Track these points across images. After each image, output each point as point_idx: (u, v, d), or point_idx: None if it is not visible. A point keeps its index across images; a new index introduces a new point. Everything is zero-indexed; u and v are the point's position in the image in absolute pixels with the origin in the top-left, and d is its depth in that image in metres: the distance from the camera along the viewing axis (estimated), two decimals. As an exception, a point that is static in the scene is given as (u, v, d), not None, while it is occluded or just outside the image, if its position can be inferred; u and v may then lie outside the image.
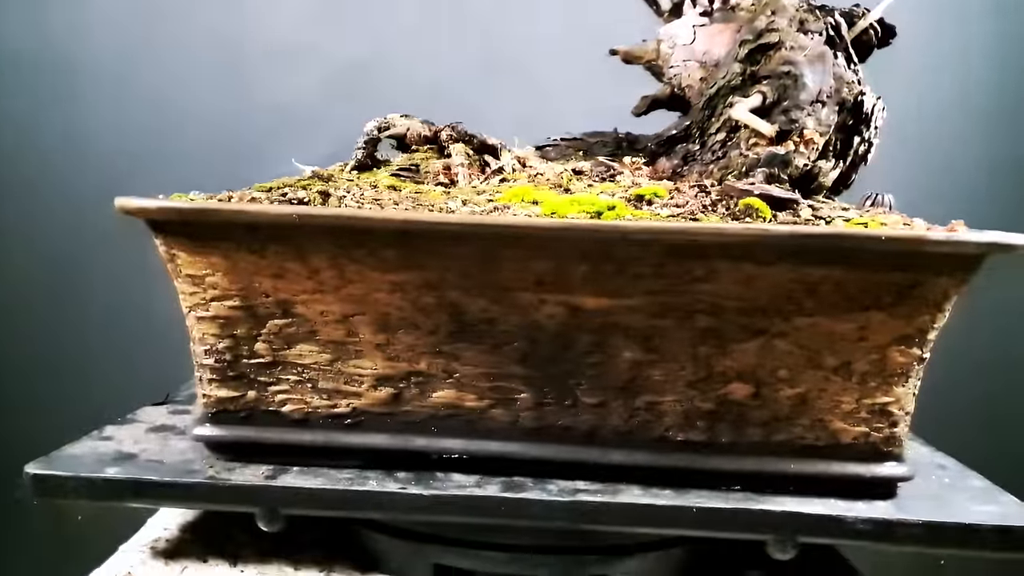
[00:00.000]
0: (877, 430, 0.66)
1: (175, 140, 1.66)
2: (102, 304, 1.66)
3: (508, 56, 1.69)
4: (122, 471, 0.66)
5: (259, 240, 0.64)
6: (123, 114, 1.66)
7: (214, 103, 1.67)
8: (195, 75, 1.66)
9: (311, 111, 1.67)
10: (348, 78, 1.68)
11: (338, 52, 1.67)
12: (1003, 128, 1.68)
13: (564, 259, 0.63)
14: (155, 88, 1.66)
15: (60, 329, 1.68)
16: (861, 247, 0.60)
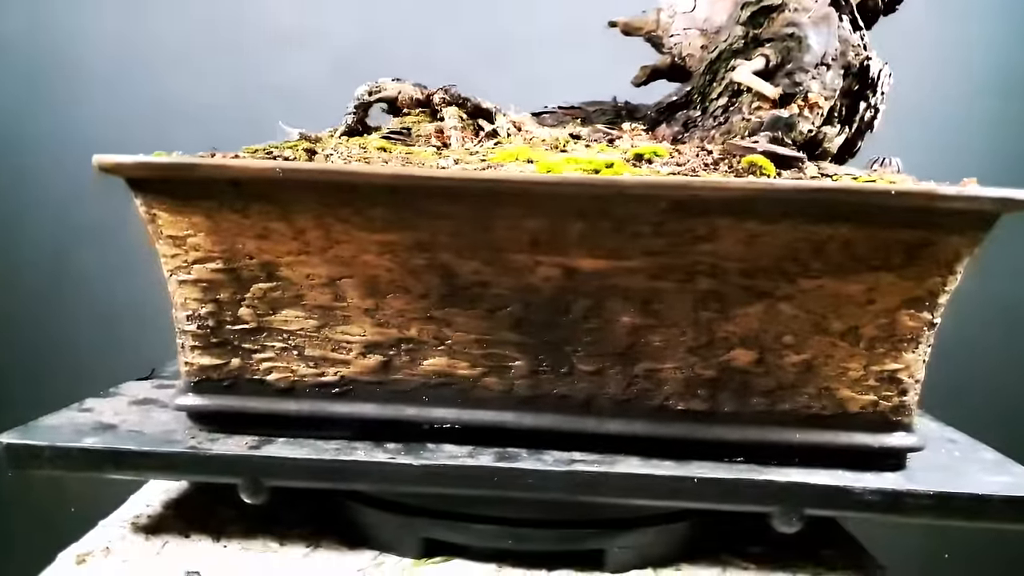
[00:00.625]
0: (886, 398, 0.63)
1: (175, 128, 1.64)
2: (95, 292, 1.64)
3: (512, 37, 1.66)
4: (100, 441, 0.64)
5: (242, 198, 0.61)
6: (122, 103, 1.64)
7: (215, 89, 1.64)
8: (195, 62, 1.64)
9: (314, 96, 1.64)
10: (351, 62, 1.65)
11: (340, 36, 1.65)
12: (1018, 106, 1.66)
13: (559, 217, 0.60)
14: (155, 75, 1.63)
15: (51, 320, 1.65)
16: (870, 202, 0.57)
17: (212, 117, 1.65)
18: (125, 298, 1.59)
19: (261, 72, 1.66)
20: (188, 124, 1.64)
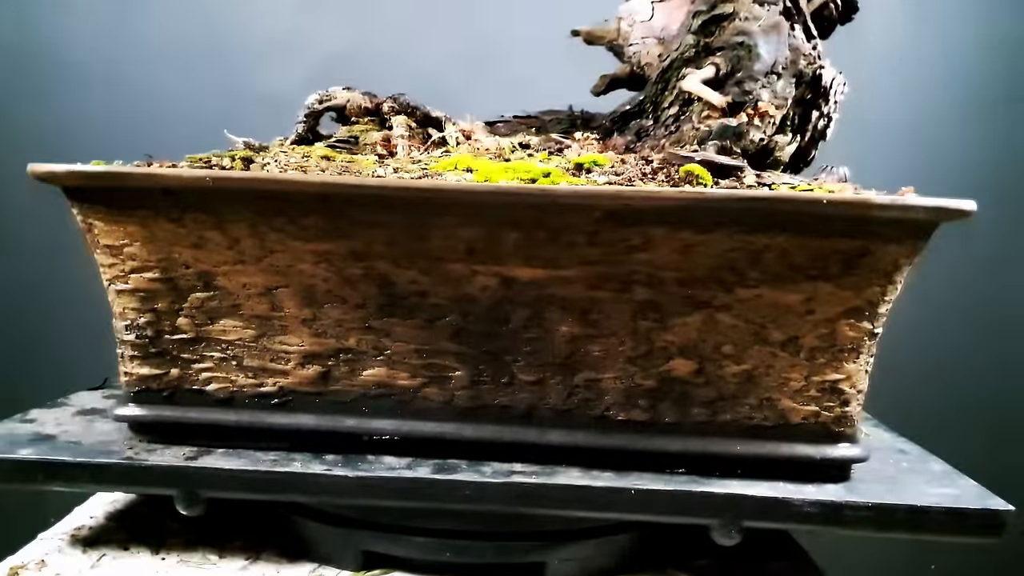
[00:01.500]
0: (828, 409, 0.63)
1: (160, 133, 1.63)
2: (66, 293, 1.64)
3: (492, 46, 1.67)
4: (35, 452, 0.63)
5: (177, 207, 0.61)
6: (106, 107, 1.64)
7: (199, 94, 1.65)
8: (180, 66, 1.64)
9: (298, 102, 1.65)
10: (334, 69, 1.65)
11: (324, 43, 1.66)
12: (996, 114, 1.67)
13: (495, 226, 0.60)
14: (139, 80, 1.64)
15: (29, 325, 1.65)
16: (804, 211, 0.57)
17: (198, 120, 1.64)
18: (88, 303, 1.59)
19: (246, 77, 1.66)
20: (174, 126, 1.63)
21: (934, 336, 1.64)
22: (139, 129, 1.63)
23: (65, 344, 1.61)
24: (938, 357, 1.65)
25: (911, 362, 1.60)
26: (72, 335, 1.60)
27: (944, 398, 1.62)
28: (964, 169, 1.64)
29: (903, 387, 1.60)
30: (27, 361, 1.63)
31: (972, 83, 1.66)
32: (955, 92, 1.66)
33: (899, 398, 1.40)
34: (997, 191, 1.65)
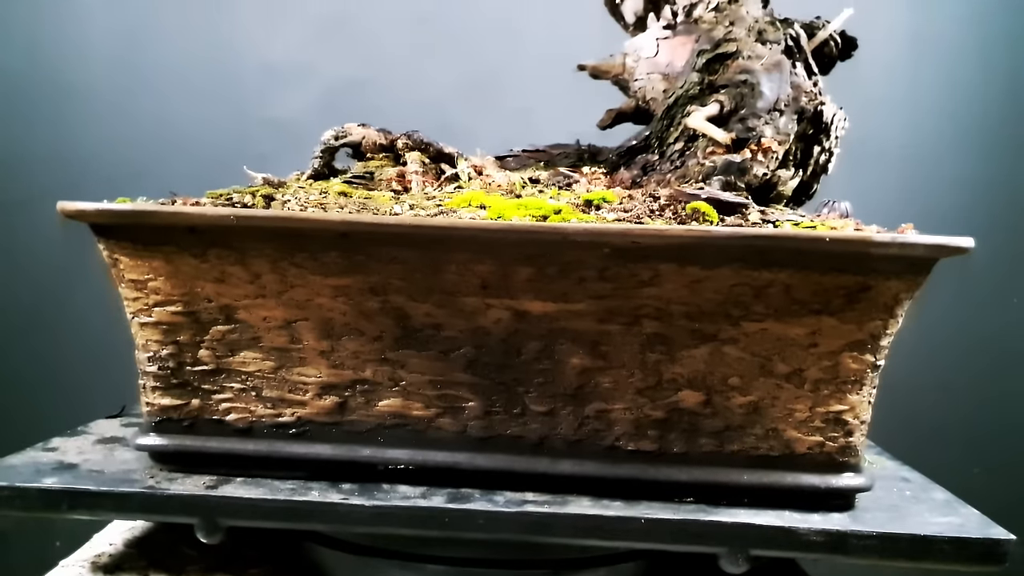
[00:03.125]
0: (832, 439, 0.64)
1: (171, 158, 1.68)
2: (84, 321, 1.66)
3: (496, 76, 1.71)
4: (59, 481, 0.65)
5: (200, 244, 0.63)
6: (118, 132, 1.67)
7: (211, 121, 1.69)
8: (192, 94, 1.68)
9: (307, 129, 1.69)
10: (343, 96, 1.70)
11: (333, 71, 1.70)
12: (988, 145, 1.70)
13: (508, 262, 0.62)
14: (151, 106, 1.67)
15: (38, 349, 1.67)
16: (806, 249, 0.59)
17: (209, 144, 1.68)
18: (106, 332, 1.62)
19: (256, 103, 1.70)
20: (185, 151, 1.67)
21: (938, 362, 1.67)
22: (150, 154, 1.67)
23: (83, 371, 1.63)
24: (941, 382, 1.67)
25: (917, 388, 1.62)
26: (89, 362, 1.63)
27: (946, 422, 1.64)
28: (964, 199, 1.68)
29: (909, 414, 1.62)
30: (46, 388, 1.65)
31: (972, 114, 1.70)
32: (956, 123, 1.70)
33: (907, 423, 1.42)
34: (997, 219, 1.68)
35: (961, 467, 1.68)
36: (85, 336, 1.65)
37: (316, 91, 1.71)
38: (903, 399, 1.63)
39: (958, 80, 1.70)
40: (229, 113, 1.70)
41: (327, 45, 1.70)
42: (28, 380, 1.67)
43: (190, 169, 1.68)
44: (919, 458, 0.85)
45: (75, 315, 1.66)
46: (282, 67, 1.70)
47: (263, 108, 1.71)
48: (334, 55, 1.70)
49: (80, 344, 1.65)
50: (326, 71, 1.70)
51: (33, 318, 1.68)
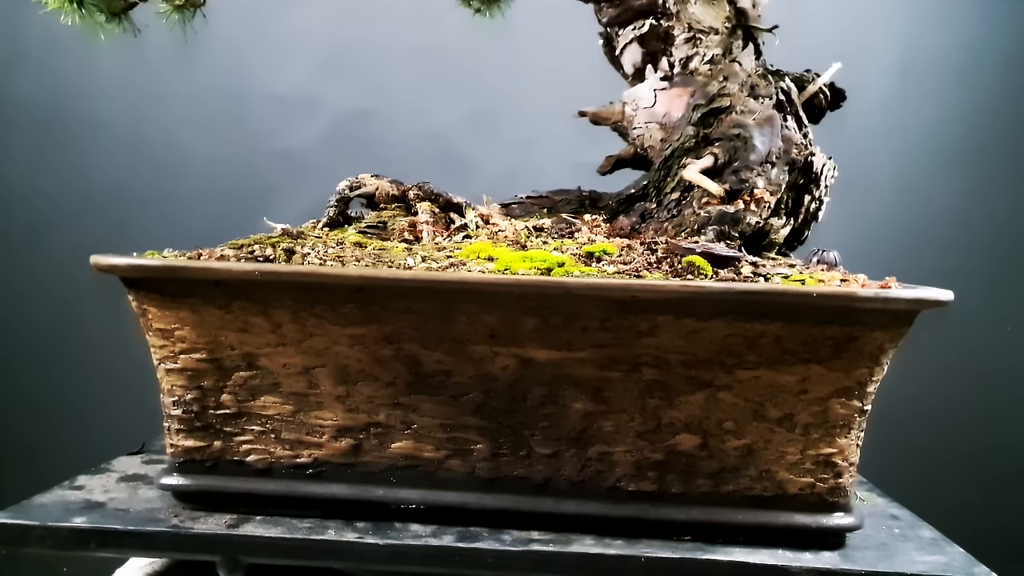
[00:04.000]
0: (823, 481, 0.68)
1: (182, 188, 1.73)
2: (97, 350, 1.70)
3: (498, 108, 1.76)
4: (88, 521, 0.68)
5: (225, 296, 0.67)
6: (132, 163, 1.72)
7: (221, 151, 1.74)
8: (203, 125, 1.73)
9: (314, 159, 1.75)
10: (349, 128, 1.75)
11: (339, 103, 1.75)
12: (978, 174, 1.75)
13: (514, 313, 0.66)
14: (163, 137, 1.73)
15: (53, 374, 1.71)
16: (795, 303, 0.63)
17: (217, 173, 1.73)
18: (124, 366, 1.65)
19: (263, 134, 1.76)
20: (194, 180, 1.73)
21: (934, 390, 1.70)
22: (162, 182, 1.72)
23: (103, 408, 1.67)
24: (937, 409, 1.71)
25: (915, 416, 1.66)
26: (109, 400, 1.67)
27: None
28: (956, 227, 1.72)
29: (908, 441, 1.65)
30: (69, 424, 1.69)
31: (962, 144, 1.75)
32: (946, 153, 1.75)
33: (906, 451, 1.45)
34: (989, 246, 1.72)
35: (960, 493, 1.72)
36: (102, 367, 1.69)
37: (323, 122, 1.77)
38: (902, 427, 1.67)
39: (947, 112, 1.75)
40: (239, 144, 1.75)
41: (333, 78, 1.75)
42: (47, 411, 1.71)
43: (201, 197, 1.73)
44: (919, 485, 0.88)
45: (91, 345, 1.70)
46: (290, 99, 1.75)
47: (271, 139, 1.76)
48: (340, 88, 1.75)
49: (97, 375, 1.69)
50: (332, 103, 1.76)
51: (50, 345, 1.72)
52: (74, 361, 1.70)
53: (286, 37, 1.73)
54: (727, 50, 0.93)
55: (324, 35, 1.74)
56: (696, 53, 0.93)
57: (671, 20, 0.94)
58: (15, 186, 1.72)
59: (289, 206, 1.75)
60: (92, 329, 1.71)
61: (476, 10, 1.24)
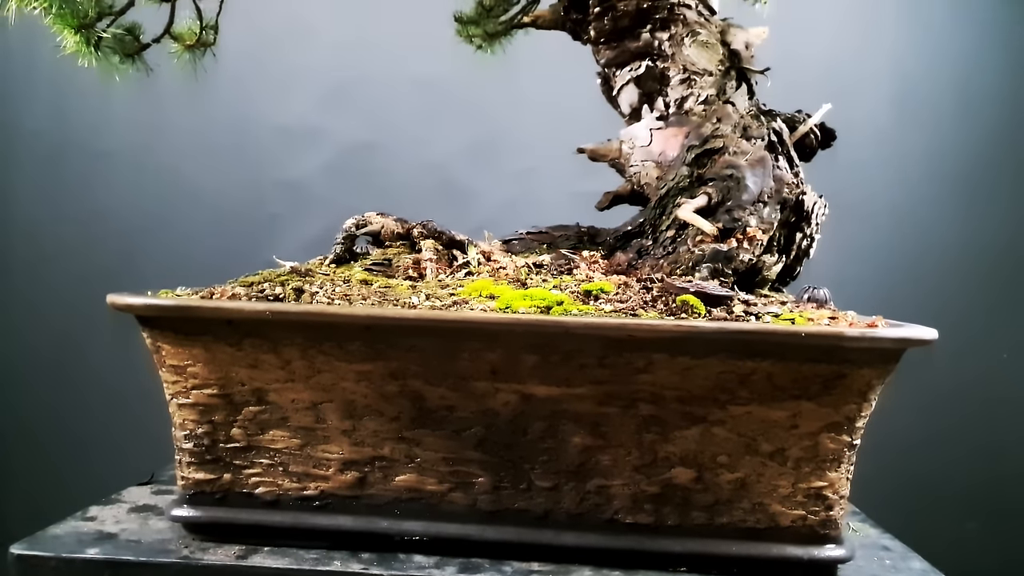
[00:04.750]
0: (814, 513, 0.70)
1: (188, 217, 1.77)
2: (103, 378, 1.72)
3: (496, 142, 1.81)
4: (101, 552, 0.70)
5: (237, 334, 0.69)
6: (140, 193, 1.77)
7: (225, 180, 1.78)
8: (208, 154, 1.77)
9: (317, 189, 1.79)
10: (351, 159, 1.79)
11: (342, 135, 1.79)
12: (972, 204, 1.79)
13: (515, 350, 0.68)
14: (170, 167, 1.77)
15: (59, 403, 1.73)
16: (785, 342, 0.65)
17: (223, 204, 1.77)
18: (132, 392, 1.68)
19: (268, 164, 1.80)
20: (199, 209, 1.76)
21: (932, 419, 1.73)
22: (169, 210, 1.76)
23: (105, 437, 1.69)
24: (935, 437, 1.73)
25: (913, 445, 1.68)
26: (116, 431, 1.69)
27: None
28: (951, 255, 1.76)
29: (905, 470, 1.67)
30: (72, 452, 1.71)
31: (955, 175, 1.79)
32: (940, 183, 1.79)
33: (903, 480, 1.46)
34: (984, 274, 1.76)
35: (956, 522, 1.73)
36: (108, 395, 1.71)
37: (326, 153, 1.81)
38: (900, 457, 1.69)
39: (942, 142, 1.79)
40: (243, 174, 1.79)
41: (337, 110, 1.80)
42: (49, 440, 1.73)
43: (206, 226, 1.77)
44: (915, 514, 0.90)
45: (98, 372, 1.72)
46: (294, 131, 1.80)
47: (276, 169, 1.81)
48: (343, 120, 1.80)
49: (102, 403, 1.72)
50: (336, 135, 1.80)
51: (57, 374, 1.75)
52: (79, 386, 1.73)
53: (290, 71, 1.78)
54: (721, 91, 0.96)
55: (328, 69, 1.78)
56: (691, 94, 0.96)
57: (667, 62, 0.98)
58: (25, 214, 1.76)
59: (293, 235, 1.80)
60: (95, 358, 1.74)
61: (478, 47, 1.28)
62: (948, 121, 1.79)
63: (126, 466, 0.95)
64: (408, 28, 1.67)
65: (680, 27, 0.98)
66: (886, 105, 1.80)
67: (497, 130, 1.80)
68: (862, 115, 1.78)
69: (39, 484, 1.69)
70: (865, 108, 1.79)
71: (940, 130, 1.79)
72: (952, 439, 1.74)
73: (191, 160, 1.77)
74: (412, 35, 1.66)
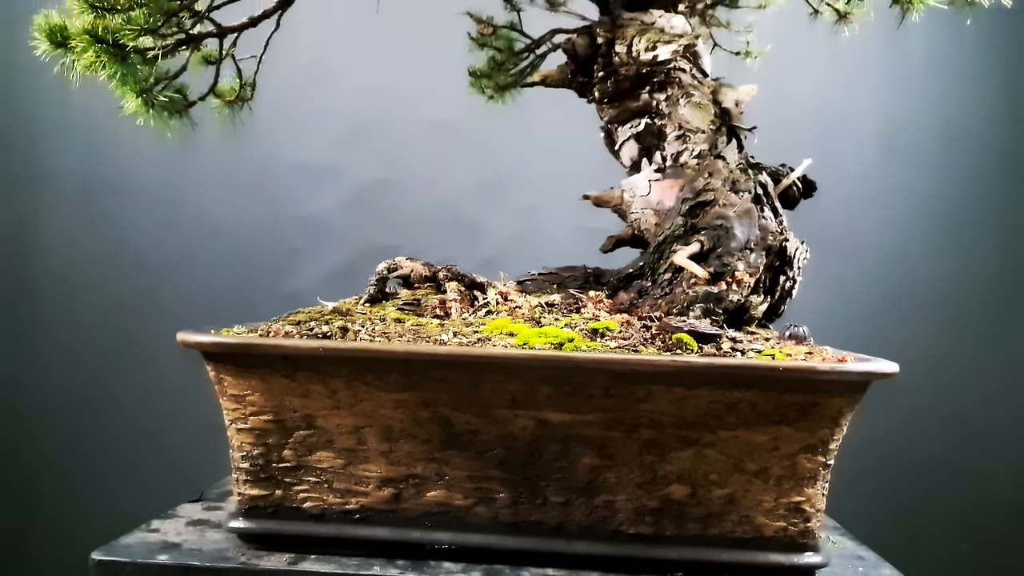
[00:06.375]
0: (794, 525, 0.80)
1: (212, 251, 1.88)
2: (133, 408, 1.83)
3: (505, 180, 1.93)
4: (170, 558, 0.80)
5: (291, 367, 0.80)
6: (165, 229, 1.88)
7: (247, 216, 1.89)
8: (231, 193, 1.89)
9: (335, 225, 1.90)
10: (368, 196, 1.91)
11: (359, 173, 1.91)
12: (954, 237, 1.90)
13: (532, 382, 0.79)
14: (194, 204, 1.88)
15: (93, 430, 1.83)
16: (766, 375, 0.76)
17: (243, 237, 1.88)
18: (167, 418, 1.79)
19: (288, 201, 1.91)
20: (222, 241, 1.87)
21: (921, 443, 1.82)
22: (192, 246, 1.87)
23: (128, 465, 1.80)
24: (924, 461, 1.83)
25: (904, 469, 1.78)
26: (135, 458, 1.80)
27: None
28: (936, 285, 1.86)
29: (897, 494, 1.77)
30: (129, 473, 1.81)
31: (939, 211, 1.90)
32: (925, 219, 1.90)
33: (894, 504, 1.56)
34: (967, 305, 1.86)
35: (949, 544, 1.82)
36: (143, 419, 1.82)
37: (344, 191, 1.93)
38: (892, 479, 1.78)
39: (927, 181, 1.91)
40: (265, 210, 1.91)
41: (354, 151, 1.92)
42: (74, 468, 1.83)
43: (228, 260, 1.88)
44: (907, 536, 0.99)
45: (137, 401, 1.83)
46: (314, 169, 1.92)
47: (295, 206, 1.92)
48: (360, 159, 1.92)
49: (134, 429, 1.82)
50: (353, 173, 1.92)
51: (92, 402, 1.85)
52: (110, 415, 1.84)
53: (311, 114, 1.90)
54: (713, 145, 1.08)
55: (346, 113, 1.91)
56: (685, 149, 1.08)
57: (664, 120, 1.10)
58: (53, 249, 1.87)
59: (311, 268, 1.92)
60: (119, 390, 1.84)
61: (489, 97, 1.40)
62: (932, 160, 1.91)
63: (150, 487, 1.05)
64: (421, 75, 1.80)
65: (676, 89, 1.10)
66: (872, 146, 1.92)
67: (504, 169, 1.93)
68: (848, 154, 1.89)
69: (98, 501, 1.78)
70: (851, 149, 1.90)
71: (924, 169, 1.91)
72: (942, 462, 1.84)
73: (215, 197, 1.89)
74: (425, 82, 1.79)
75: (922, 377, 1.73)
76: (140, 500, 1.07)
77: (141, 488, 1.55)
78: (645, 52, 1.09)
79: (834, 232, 1.85)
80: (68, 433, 1.84)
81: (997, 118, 1.90)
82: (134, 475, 1.78)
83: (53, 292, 1.86)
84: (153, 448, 1.81)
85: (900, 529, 1.69)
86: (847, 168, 1.87)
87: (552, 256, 1.20)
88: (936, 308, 1.89)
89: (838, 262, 1.79)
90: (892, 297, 1.88)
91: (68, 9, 0.98)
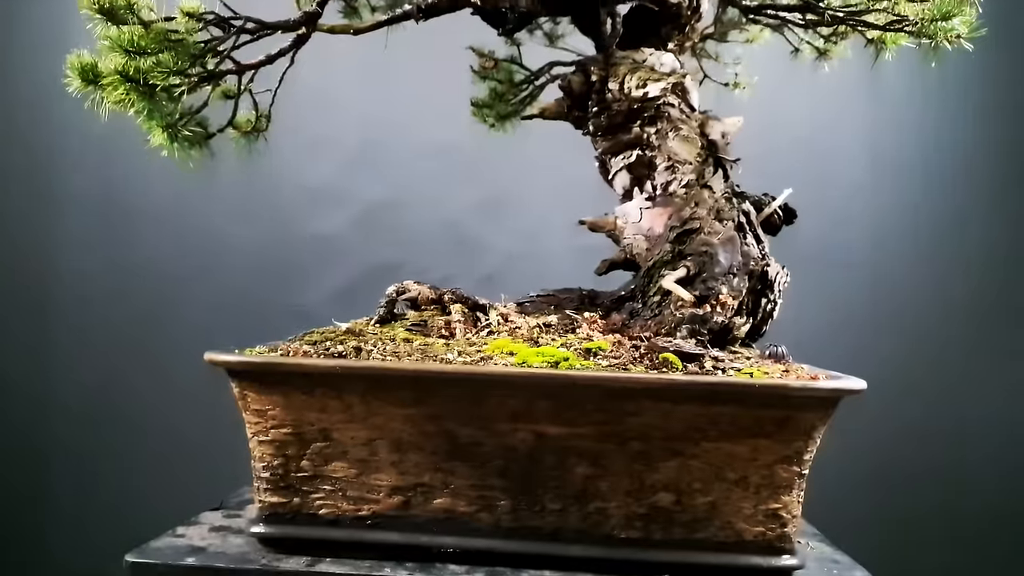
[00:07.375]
0: (771, 530, 0.86)
1: (225, 268, 1.95)
2: (147, 421, 1.90)
3: (505, 201, 2.01)
4: (197, 561, 0.87)
5: (310, 384, 0.87)
6: (179, 247, 1.96)
7: (258, 236, 1.97)
8: (242, 213, 1.96)
9: (342, 245, 1.98)
10: (374, 216, 1.99)
11: (366, 194, 1.99)
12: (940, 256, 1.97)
13: (531, 397, 0.86)
14: (208, 225, 1.96)
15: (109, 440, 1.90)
16: (743, 392, 0.83)
17: (253, 255, 1.96)
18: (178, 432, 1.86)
19: (296, 221, 1.99)
20: (235, 258, 1.95)
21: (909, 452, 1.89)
22: (205, 264, 1.95)
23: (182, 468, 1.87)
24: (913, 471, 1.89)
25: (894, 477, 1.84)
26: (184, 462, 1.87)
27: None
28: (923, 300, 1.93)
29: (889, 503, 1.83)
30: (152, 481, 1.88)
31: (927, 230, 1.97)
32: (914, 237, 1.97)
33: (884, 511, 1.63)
34: (955, 320, 1.93)
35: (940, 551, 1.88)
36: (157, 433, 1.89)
37: (351, 211, 2.01)
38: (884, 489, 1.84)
39: (913, 199, 1.98)
40: (275, 230, 1.98)
41: (361, 172, 2.00)
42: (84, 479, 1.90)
43: (239, 277, 1.95)
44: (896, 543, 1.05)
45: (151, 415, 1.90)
46: (322, 190, 1.99)
47: (304, 225, 2.00)
48: (367, 181, 2.00)
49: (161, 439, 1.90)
50: (360, 194, 2.00)
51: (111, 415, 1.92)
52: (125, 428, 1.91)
53: (320, 137, 1.98)
54: (700, 176, 1.15)
55: (354, 136, 1.99)
56: (674, 179, 1.15)
57: (654, 151, 1.17)
58: (71, 267, 1.94)
59: (320, 285, 1.99)
60: (126, 407, 1.92)
61: (491, 126, 1.48)
62: (919, 180, 1.98)
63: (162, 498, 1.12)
64: (426, 100, 1.88)
65: (665, 123, 1.18)
66: (860, 171, 1.99)
67: (505, 190, 2.00)
68: (839, 173, 1.97)
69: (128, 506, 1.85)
70: (841, 166, 1.98)
71: (911, 189, 1.98)
72: (930, 472, 1.90)
73: (227, 217, 1.97)
74: (429, 106, 1.87)
75: (913, 389, 1.81)
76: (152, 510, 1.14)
77: (156, 497, 1.62)
78: (636, 89, 1.17)
79: (823, 244, 1.93)
80: (84, 444, 1.92)
81: (980, 141, 1.98)
82: (153, 485, 1.85)
83: (73, 307, 1.94)
84: (166, 460, 1.88)
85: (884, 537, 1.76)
86: (837, 187, 1.95)
87: (549, 272, 1.27)
88: (922, 320, 1.95)
89: (831, 275, 1.87)
90: (880, 314, 1.95)
91: (99, 50, 1.06)
